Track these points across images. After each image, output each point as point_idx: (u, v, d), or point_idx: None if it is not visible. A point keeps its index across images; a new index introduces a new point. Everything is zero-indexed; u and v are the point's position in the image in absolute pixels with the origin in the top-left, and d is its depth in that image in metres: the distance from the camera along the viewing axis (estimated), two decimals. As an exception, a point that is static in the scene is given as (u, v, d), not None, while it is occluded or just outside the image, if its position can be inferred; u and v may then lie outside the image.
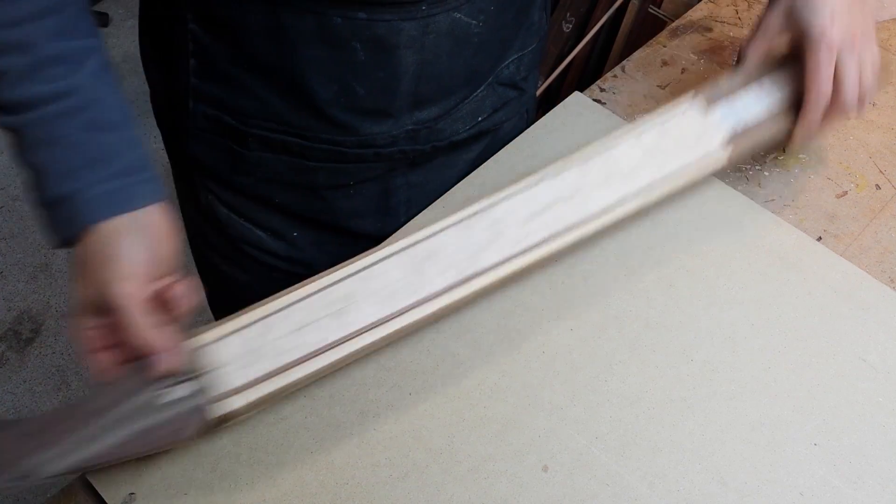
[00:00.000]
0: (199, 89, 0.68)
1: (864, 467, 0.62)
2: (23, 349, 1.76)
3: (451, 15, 0.63)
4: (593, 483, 0.60)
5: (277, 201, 0.74)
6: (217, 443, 0.61)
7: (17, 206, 1.98)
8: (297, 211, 0.76)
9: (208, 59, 0.65)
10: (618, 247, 0.74)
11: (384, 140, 0.70)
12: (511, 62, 0.76)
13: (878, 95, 0.91)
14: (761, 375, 0.66)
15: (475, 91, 0.73)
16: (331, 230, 0.78)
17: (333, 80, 0.64)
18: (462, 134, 0.75)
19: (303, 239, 0.78)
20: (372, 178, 0.74)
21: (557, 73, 1.48)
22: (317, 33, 0.61)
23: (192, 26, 0.64)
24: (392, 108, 0.68)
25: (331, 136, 0.68)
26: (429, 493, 0.59)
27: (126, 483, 0.59)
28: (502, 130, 0.82)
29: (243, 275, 0.81)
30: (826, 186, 0.82)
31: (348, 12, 0.60)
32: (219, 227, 0.78)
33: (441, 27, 0.64)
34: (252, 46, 0.63)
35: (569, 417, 0.63)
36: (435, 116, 0.71)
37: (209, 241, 0.82)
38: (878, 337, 0.69)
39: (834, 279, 0.73)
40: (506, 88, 0.77)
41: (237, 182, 0.74)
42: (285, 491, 0.59)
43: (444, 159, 0.77)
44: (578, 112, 0.86)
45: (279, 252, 0.78)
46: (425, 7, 0.62)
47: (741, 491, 0.60)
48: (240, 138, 0.69)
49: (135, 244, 0.54)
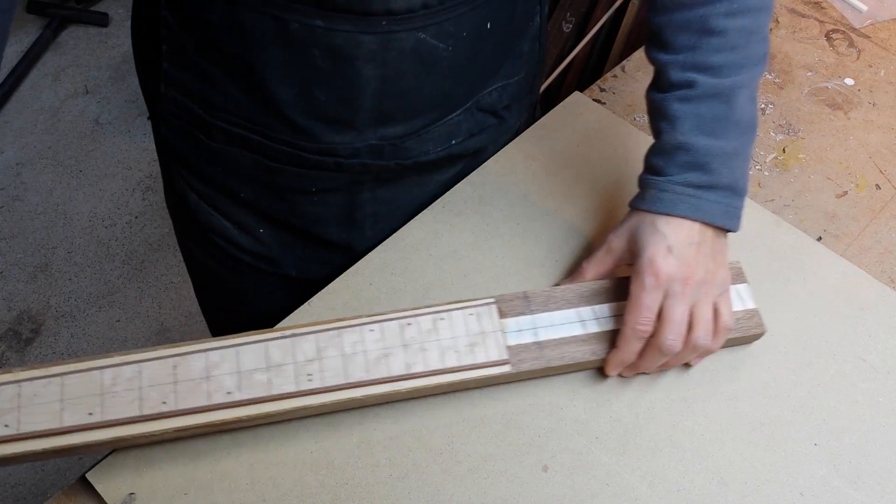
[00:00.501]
0: (170, 74, 0.67)
1: (864, 467, 0.62)
2: (23, 349, 1.76)
3: (415, 34, 0.62)
4: (593, 483, 0.60)
5: (243, 196, 0.74)
6: (217, 443, 0.61)
7: (17, 206, 1.98)
8: (262, 208, 0.75)
9: (178, 46, 0.65)
10: (618, 247, 0.74)
11: (346, 151, 0.68)
12: (494, 90, 0.74)
13: (878, 95, 0.91)
14: (761, 375, 0.66)
15: (450, 114, 0.71)
16: (296, 232, 0.76)
17: (293, 83, 0.63)
18: (431, 155, 0.73)
19: (269, 236, 0.77)
20: (336, 188, 0.72)
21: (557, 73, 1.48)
22: (275, 35, 0.60)
23: (165, 13, 0.64)
24: (354, 119, 0.66)
25: (291, 138, 0.67)
26: (429, 493, 0.59)
27: (126, 483, 0.59)
28: (482, 156, 0.80)
29: (214, 263, 0.81)
30: (826, 186, 0.82)
31: (305, 19, 0.59)
32: (190, 213, 0.77)
33: (404, 45, 0.62)
34: (216, 40, 0.63)
35: (569, 417, 0.63)
36: (401, 134, 0.69)
37: (185, 226, 0.81)
38: (878, 337, 0.69)
39: (834, 279, 0.73)
40: (485, 115, 0.75)
41: (206, 171, 0.73)
42: (285, 491, 0.59)
43: (416, 178, 0.75)
44: (578, 112, 0.86)
45: (245, 245, 0.78)
46: (385, 23, 0.60)
47: (741, 491, 0.60)
48: (205, 128, 0.69)
49: None
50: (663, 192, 0.63)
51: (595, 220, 0.76)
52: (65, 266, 1.87)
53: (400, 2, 0.59)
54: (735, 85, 0.62)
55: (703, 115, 0.62)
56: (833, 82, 0.93)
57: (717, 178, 0.62)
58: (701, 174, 0.62)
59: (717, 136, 0.62)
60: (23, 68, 2.23)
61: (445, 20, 0.62)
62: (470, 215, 0.76)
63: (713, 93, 0.62)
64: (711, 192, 0.62)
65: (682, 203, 0.62)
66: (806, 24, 1.00)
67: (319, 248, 0.77)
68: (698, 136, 0.62)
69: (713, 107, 0.62)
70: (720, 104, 0.62)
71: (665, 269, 0.60)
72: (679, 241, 0.61)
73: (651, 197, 0.63)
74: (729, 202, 0.63)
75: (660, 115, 0.64)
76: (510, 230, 0.75)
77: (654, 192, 0.63)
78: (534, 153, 0.81)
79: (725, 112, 0.62)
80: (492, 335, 0.62)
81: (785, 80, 0.92)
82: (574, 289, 0.66)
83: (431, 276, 0.71)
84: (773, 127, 0.87)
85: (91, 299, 1.82)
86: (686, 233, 0.62)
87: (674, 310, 0.60)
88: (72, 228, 1.94)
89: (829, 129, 0.88)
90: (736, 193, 0.63)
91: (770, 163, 0.83)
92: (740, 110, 0.62)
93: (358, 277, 0.71)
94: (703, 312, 0.61)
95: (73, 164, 2.07)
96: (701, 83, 0.62)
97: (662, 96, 0.64)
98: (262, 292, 0.81)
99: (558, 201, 0.78)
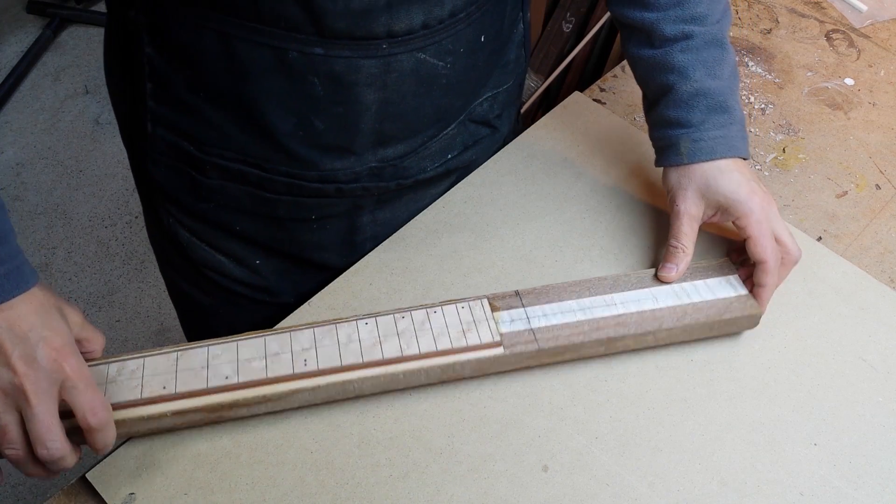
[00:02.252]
0: (157, 113, 0.65)
1: (864, 467, 0.62)
2: (23, 349, 1.76)
3: (414, 55, 0.62)
4: (593, 483, 0.60)
5: (238, 229, 0.72)
6: (217, 443, 0.61)
7: (17, 206, 1.98)
8: (259, 240, 0.73)
9: (164, 84, 0.63)
10: (617, 248, 0.74)
11: (346, 176, 0.68)
12: (485, 100, 0.74)
13: (878, 95, 0.91)
14: (761, 375, 0.66)
15: (445, 129, 0.71)
16: (294, 260, 0.75)
17: (291, 113, 0.62)
18: (429, 172, 0.73)
19: (266, 267, 0.75)
20: (336, 214, 0.72)
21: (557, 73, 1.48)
22: (273, 66, 0.59)
23: (148, 50, 0.62)
24: (354, 144, 0.65)
25: (290, 169, 0.66)
26: (429, 493, 0.59)
27: (126, 483, 0.59)
28: (474, 167, 0.80)
29: (206, 298, 0.79)
30: (826, 186, 0.82)
31: (304, 47, 0.58)
32: (181, 250, 0.75)
33: (404, 67, 0.62)
34: (208, 75, 0.61)
35: (569, 417, 0.63)
36: (401, 154, 0.69)
37: (173, 263, 0.79)
38: (878, 337, 0.69)
39: (834, 279, 0.73)
40: (478, 126, 0.76)
41: (197, 207, 0.71)
42: (285, 491, 0.59)
43: (412, 195, 0.75)
44: (578, 112, 0.86)
45: (242, 278, 0.76)
46: (386, 46, 0.60)
47: (741, 491, 0.60)
48: (198, 165, 0.67)
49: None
50: (698, 142, 0.68)
51: (595, 219, 0.76)
52: (65, 266, 1.87)
53: (401, 23, 0.59)
54: (721, 29, 0.69)
55: (707, 61, 0.68)
56: (833, 82, 0.93)
57: (735, 115, 0.69)
58: (723, 114, 0.68)
59: (724, 78, 0.68)
60: (23, 68, 2.23)
61: (444, 38, 0.62)
62: (470, 215, 0.76)
63: (709, 39, 0.68)
64: (733, 128, 0.68)
65: (720, 145, 0.68)
66: (806, 24, 1.00)
67: (317, 274, 0.75)
68: (711, 80, 0.68)
69: (713, 52, 0.68)
70: (717, 48, 0.68)
71: (761, 202, 0.66)
72: (748, 176, 0.68)
73: (689, 150, 0.68)
74: (745, 133, 0.70)
75: (664, 69, 0.69)
76: (510, 230, 0.75)
77: (688, 143, 0.68)
78: (534, 153, 0.81)
79: (722, 54, 0.69)
80: (484, 323, 0.63)
81: (785, 80, 0.92)
82: (567, 285, 0.67)
83: (431, 276, 0.71)
84: (773, 127, 0.87)
85: (91, 299, 1.82)
86: (741, 167, 0.68)
87: (783, 232, 0.67)
88: (72, 228, 1.94)
89: (829, 129, 0.88)
90: (743, 124, 0.70)
91: (770, 163, 0.83)
92: (730, 50, 0.69)
93: (358, 277, 0.71)
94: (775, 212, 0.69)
95: (73, 164, 2.07)
96: (697, 33, 0.68)
97: (662, 51, 0.69)
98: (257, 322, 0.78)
99: (558, 201, 0.78)
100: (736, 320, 0.66)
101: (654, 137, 0.72)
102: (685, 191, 0.69)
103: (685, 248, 0.68)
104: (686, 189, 0.69)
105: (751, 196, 0.66)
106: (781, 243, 0.67)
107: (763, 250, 0.65)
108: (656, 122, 0.71)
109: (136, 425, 0.58)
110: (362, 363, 0.60)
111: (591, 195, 0.78)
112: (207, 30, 0.58)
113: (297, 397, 0.59)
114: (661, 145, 0.71)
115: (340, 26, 0.57)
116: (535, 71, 1.50)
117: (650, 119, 0.73)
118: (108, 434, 0.54)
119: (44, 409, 0.51)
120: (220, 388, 0.58)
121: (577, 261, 0.73)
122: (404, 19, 0.59)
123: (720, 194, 0.67)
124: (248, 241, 0.73)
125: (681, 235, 0.68)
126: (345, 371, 0.60)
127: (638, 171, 0.80)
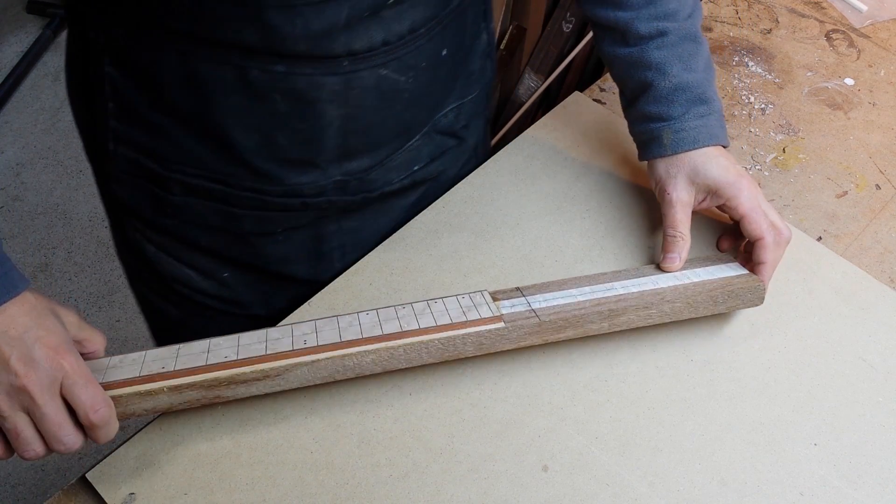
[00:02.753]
0: (119, 132, 0.65)
1: (864, 467, 0.62)
2: (23, 349, 1.76)
3: (376, 72, 0.62)
4: (593, 483, 0.60)
5: (204, 243, 0.72)
6: (217, 443, 0.61)
7: (17, 206, 1.98)
8: (225, 254, 0.73)
9: (126, 102, 0.63)
10: (617, 248, 0.74)
11: (311, 190, 0.67)
12: (450, 111, 0.74)
13: (878, 95, 0.91)
14: (761, 375, 0.66)
15: (409, 141, 0.71)
16: (262, 273, 0.75)
17: (254, 130, 0.62)
18: (395, 184, 0.73)
19: (234, 279, 0.75)
20: (301, 225, 0.71)
21: (557, 73, 1.48)
22: (234, 84, 0.59)
23: (109, 69, 0.62)
24: (318, 159, 0.66)
25: (255, 184, 0.66)
26: (429, 493, 0.59)
27: (126, 483, 0.59)
28: (443, 177, 0.79)
29: (177, 311, 0.79)
30: (826, 186, 0.82)
31: (266, 65, 0.58)
32: (148, 264, 0.75)
33: (366, 83, 0.62)
34: (170, 93, 0.61)
35: (569, 417, 0.63)
36: (365, 167, 0.69)
37: (142, 277, 0.79)
38: (878, 337, 0.69)
39: (834, 279, 0.73)
40: (444, 137, 0.75)
41: (162, 223, 0.71)
42: (285, 491, 0.59)
43: (380, 206, 0.74)
44: (578, 112, 0.86)
45: (209, 291, 0.75)
46: (347, 63, 0.60)
47: (741, 491, 0.60)
48: (161, 182, 0.67)
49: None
50: (680, 132, 0.69)
51: (595, 219, 0.76)
52: (65, 266, 1.87)
53: (361, 41, 0.59)
54: (694, 23, 0.70)
55: (682, 56, 0.69)
56: (833, 82, 0.93)
57: (713, 105, 0.70)
58: (702, 105, 0.70)
59: (700, 70, 0.70)
60: (23, 68, 2.23)
61: (405, 54, 0.62)
62: (470, 215, 0.76)
63: (683, 34, 0.69)
64: (713, 118, 0.70)
65: (701, 134, 0.69)
66: (806, 24, 1.00)
67: (287, 285, 0.75)
68: (688, 73, 0.69)
69: (687, 47, 0.70)
70: (691, 42, 0.70)
71: (749, 183, 0.68)
72: (732, 161, 0.70)
73: (672, 140, 0.69)
74: (723, 123, 0.71)
75: (641, 66, 0.70)
76: (510, 230, 0.75)
77: (670, 134, 0.69)
78: (534, 153, 0.81)
79: (696, 48, 0.70)
80: (484, 306, 0.63)
81: (785, 80, 0.92)
82: (567, 280, 0.67)
83: (431, 276, 0.71)
84: (773, 127, 0.87)
85: (91, 299, 1.82)
86: (724, 153, 0.70)
87: (771, 212, 0.68)
88: (72, 228, 1.94)
89: (829, 129, 0.88)
90: (722, 114, 0.72)
91: (770, 163, 0.84)
92: (703, 43, 0.71)
93: (358, 277, 0.71)
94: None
95: (73, 164, 2.07)
96: (671, 29, 0.69)
97: (638, 49, 0.70)
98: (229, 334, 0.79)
99: (558, 201, 0.78)
100: (740, 293, 0.66)
101: (636, 132, 0.74)
102: (674, 179, 0.70)
103: (683, 235, 0.69)
104: (675, 177, 0.70)
105: (739, 178, 0.68)
106: (772, 223, 0.68)
107: (758, 227, 0.67)
108: (637, 118, 0.73)
109: (131, 402, 0.57)
110: (362, 339, 0.60)
111: (591, 195, 0.78)
112: (167, 50, 0.58)
113: (296, 373, 0.59)
114: (643, 139, 0.72)
115: (301, 48, 0.57)
116: (535, 71, 1.50)
117: (630, 115, 0.74)
118: (109, 429, 0.54)
119: (52, 407, 0.51)
120: (219, 365, 0.58)
121: (577, 261, 0.73)
122: (364, 38, 0.59)
123: (709, 178, 0.68)
124: (215, 255, 0.73)
125: (677, 223, 0.69)
126: (344, 346, 0.60)
127: (638, 170, 0.80)
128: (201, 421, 0.62)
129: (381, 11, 0.58)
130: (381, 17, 0.59)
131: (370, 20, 0.58)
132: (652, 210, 0.77)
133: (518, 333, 0.62)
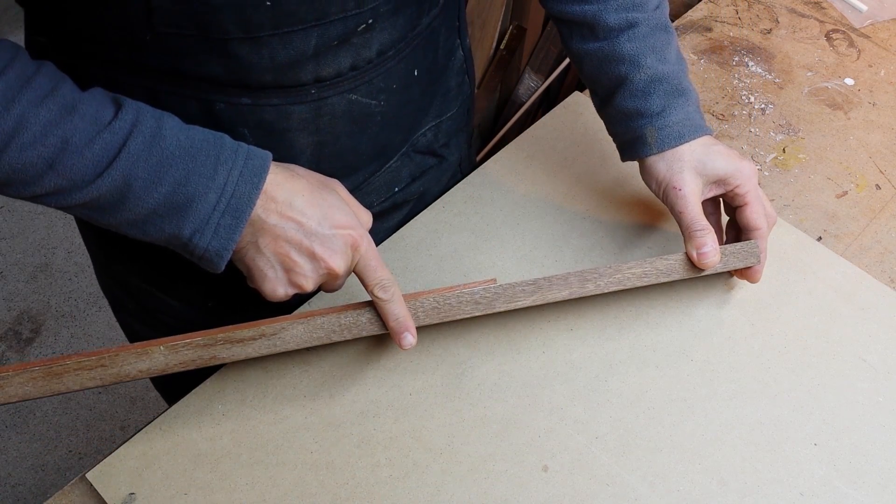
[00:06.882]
0: None
1: (864, 467, 0.62)
2: (23, 349, 1.76)
3: (345, 97, 0.61)
4: (593, 483, 0.60)
5: (188, 275, 0.70)
6: (217, 443, 0.61)
7: (18, 205, 1.98)
8: (208, 282, 0.71)
9: None
10: (617, 248, 0.74)
11: None
12: (427, 130, 0.73)
13: (878, 95, 0.91)
14: (761, 375, 0.66)
15: (387, 163, 0.71)
16: (247, 298, 0.73)
17: None
18: (376, 207, 0.73)
19: (220, 307, 0.74)
20: None
21: (557, 73, 1.48)
22: (200, 118, 0.58)
23: None
24: None
25: None
26: (429, 493, 0.59)
27: (126, 483, 0.59)
28: (426, 196, 0.79)
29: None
30: (826, 186, 0.82)
31: (231, 98, 0.57)
32: (133, 295, 0.75)
33: (336, 109, 0.61)
34: None
35: (569, 417, 0.63)
36: None
37: (127, 308, 0.79)
38: (878, 337, 0.69)
39: (834, 279, 0.73)
40: (424, 156, 0.75)
41: (145, 256, 0.70)
42: (285, 491, 0.59)
43: None
44: (578, 112, 0.86)
45: (196, 320, 0.73)
46: (315, 91, 0.59)
47: (741, 491, 0.60)
48: None
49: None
50: (663, 129, 0.66)
51: (595, 219, 0.76)
52: (65, 266, 1.87)
53: (329, 69, 0.58)
54: (662, 13, 0.69)
55: (655, 47, 0.67)
56: (833, 82, 0.93)
57: (691, 96, 0.68)
58: (680, 97, 0.67)
59: (672, 61, 0.68)
60: (23, 68, 2.23)
61: (375, 77, 0.62)
62: (470, 215, 0.76)
63: (654, 24, 0.67)
64: (691, 108, 0.68)
65: (685, 128, 0.67)
66: (806, 24, 1.00)
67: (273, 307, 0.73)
68: (662, 64, 0.67)
69: (659, 37, 0.67)
70: (662, 32, 0.68)
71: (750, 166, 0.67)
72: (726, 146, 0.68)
73: (657, 138, 0.67)
74: (701, 111, 0.69)
75: (614, 60, 0.67)
76: (510, 230, 0.75)
77: (654, 132, 0.67)
78: (534, 153, 0.81)
79: (668, 38, 0.68)
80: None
81: (785, 80, 0.92)
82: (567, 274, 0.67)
83: (431, 276, 0.71)
84: (773, 127, 0.87)
85: (91, 299, 1.82)
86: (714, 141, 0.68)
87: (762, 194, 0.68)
88: (72, 228, 1.94)
89: (829, 129, 0.88)
90: (699, 103, 0.70)
91: (770, 163, 0.84)
92: (673, 33, 0.69)
93: (357, 277, 0.71)
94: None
95: (73, 164, 2.07)
96: (641, 20, 0.67)
97: (609, 42, 0.67)
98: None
99: (558, 201, 0.78)
100: (736, 252, 0.66)
101: (616, 132, 0.71)
102: (681, 174, 0.67)
103: (708, 226, 0.67)
104: (681, 172, 0.67)
105: (742, 162, 0.66)
106: (766, 211, 0.68)
107: (759, 217, 0.66)
108: (615, 117, 0.70)
109: (126, 363, 0.56)
110: (358, 302, 0.61)
111: (591, 195, 0.78)
112: (133, 84, 0.57)
113: (293, 332, 0.59)
114: (625, 139, 0.70)
115: (267, 79, 0.57)
116: (535, 71, 1.50)
117: (607, 114, 0.71)
118: (395, 304, 0.59)
119: (371, 250, 0.58)
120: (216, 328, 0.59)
121: (577, 261, 0.73)
122: (332, 65, 0.58)
123: (718, 167, 0.66)
124: (198, 285, 0.72)
125: (699, 217, 0.67)
126: (342, 311, 0.60)
127: (638, 170, 0.80)
128: (201, 421, 0.62)
129: (351, 38, 0.58)
130: (350, 43, 0.58)
131: (338, 48, 0.57)
132: (652, 210, 0.77)
133: (513, 291, 0.61)
